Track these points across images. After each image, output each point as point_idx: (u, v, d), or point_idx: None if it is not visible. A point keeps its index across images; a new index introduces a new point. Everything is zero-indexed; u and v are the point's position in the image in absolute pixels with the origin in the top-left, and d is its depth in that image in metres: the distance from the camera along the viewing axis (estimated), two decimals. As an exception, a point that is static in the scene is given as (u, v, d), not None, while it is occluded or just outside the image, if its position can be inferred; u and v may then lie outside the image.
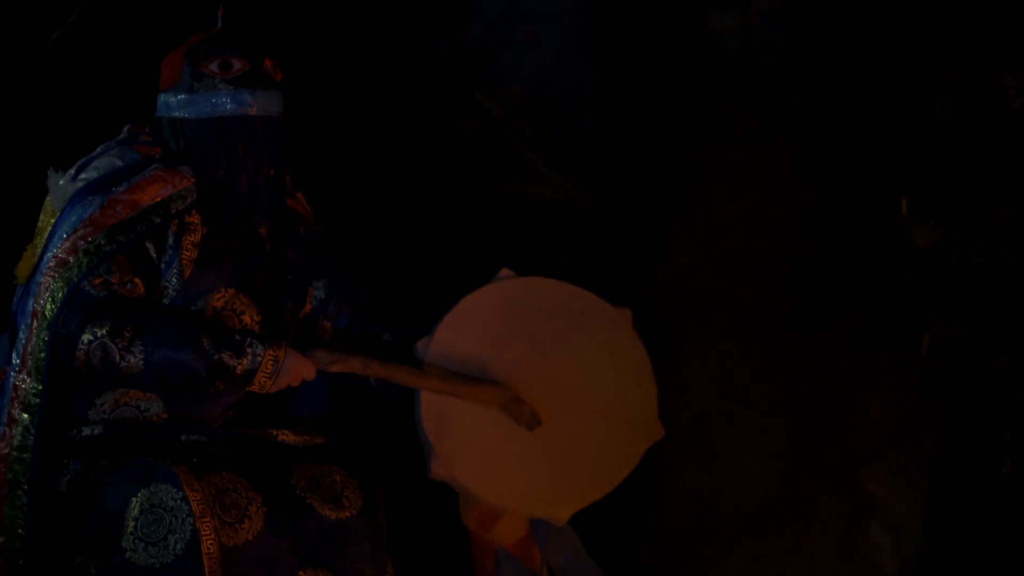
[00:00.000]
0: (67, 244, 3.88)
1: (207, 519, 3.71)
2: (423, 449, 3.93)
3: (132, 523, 3.74)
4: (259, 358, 3.79)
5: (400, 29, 5.42)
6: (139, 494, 3.75)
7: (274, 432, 4.04)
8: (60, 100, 5.12)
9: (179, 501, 3.72)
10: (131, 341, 3.78)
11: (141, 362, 3.78)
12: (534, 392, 3.96)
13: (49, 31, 5.10)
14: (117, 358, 3.78)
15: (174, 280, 3.95)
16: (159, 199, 3.95)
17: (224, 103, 3.94)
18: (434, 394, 3.92)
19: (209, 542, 3.70)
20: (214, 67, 3.96)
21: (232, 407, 4.03)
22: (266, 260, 4.09)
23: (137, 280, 3.89)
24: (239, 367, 3.79)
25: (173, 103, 4.00)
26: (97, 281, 3.84)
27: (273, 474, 3.88)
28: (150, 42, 4.53)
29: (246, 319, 4.03)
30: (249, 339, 3.81)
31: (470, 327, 3.99)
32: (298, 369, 3.84)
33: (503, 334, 4.00)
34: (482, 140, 5.37)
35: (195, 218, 3.99)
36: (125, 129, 4.09)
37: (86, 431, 3.95)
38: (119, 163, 3.99)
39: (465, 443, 3.91)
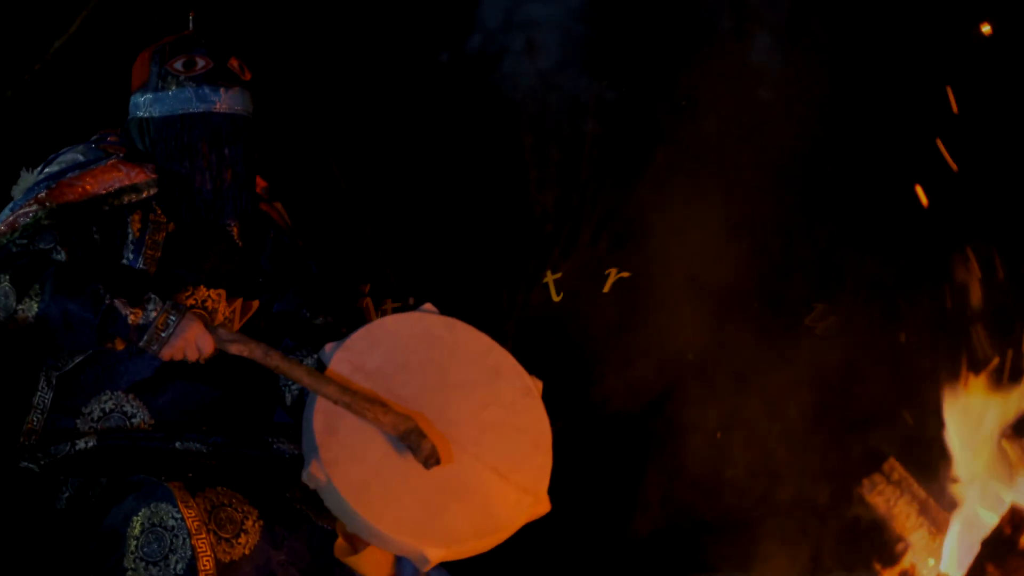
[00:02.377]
0: (9, 219, 3.92)
1: (202, 535, 3.72)
2: (304, 449, 3.82)
3: (133, 542, 3.74)
4: (154, 313, 3.79)
5: (402, 38, 5.43)
6: (140, 513, 3.75)
7: (270, 439, 4.04)
8: (61, 109, 5.12)
9: (179, 520, 3.72)
10: (30, 286, 3.79)
11: (36, 306, 3.78)
12: (431, 428, 3.85)
13: (51, 40, 5.10)
14: (14, 303, 3.79)
15: None
16: (112, 189, 3.97)
17: (188, 100, 3.96)
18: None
19: (205, 559, 3.70)
20: (178, 65, 3.97)
21: (215, 406, 4.04)
22: (236, 257, 4.09)
23: (64, 250, 3.88)
24: (132, 317, 3.78)
25: (141, 103, 4.03)
26: (20, 241, 3.86)
27: (268, 487, 3.87)
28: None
29: (219, 317, 4.04)
30: (150, 295, 3.80)
31: (383, 345, 3.91)
32: (194, 335, 3.81)
33: (413, 362, 3.91)
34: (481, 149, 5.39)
35: (161, 217, 4.01)
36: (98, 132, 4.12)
37: (80, 444, 3.95)
38: (80, 159, 4.02)
39: (352, 452, 3.79)
